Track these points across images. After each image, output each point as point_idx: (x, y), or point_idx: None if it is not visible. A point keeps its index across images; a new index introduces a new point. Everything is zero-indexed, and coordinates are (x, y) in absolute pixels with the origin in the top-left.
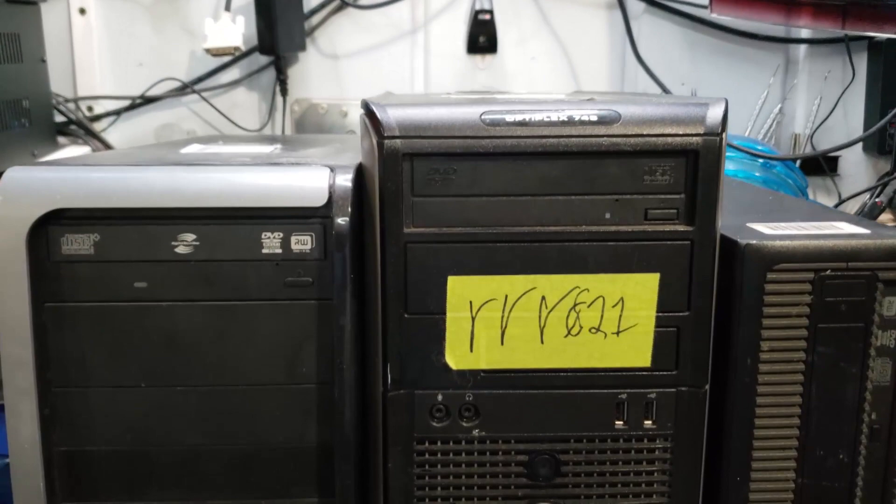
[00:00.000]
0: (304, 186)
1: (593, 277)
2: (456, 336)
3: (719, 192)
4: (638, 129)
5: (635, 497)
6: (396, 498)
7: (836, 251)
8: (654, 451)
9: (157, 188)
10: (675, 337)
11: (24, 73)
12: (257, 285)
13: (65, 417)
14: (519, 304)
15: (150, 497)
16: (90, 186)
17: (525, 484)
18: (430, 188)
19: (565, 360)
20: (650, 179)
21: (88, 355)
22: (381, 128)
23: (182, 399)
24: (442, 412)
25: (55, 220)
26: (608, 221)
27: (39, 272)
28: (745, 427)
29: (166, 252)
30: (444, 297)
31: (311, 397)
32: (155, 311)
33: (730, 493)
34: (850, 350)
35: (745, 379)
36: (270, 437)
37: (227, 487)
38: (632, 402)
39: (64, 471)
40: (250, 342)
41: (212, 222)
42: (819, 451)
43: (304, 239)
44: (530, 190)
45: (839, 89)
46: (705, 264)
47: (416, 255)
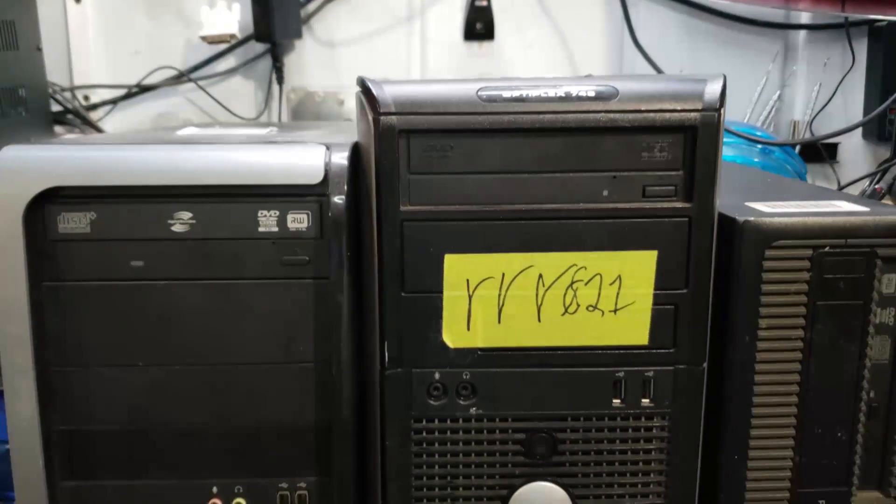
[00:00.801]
0: (300, 164)
1: (591, 255)
2: (453, 314)
3: (717, 168)
4: (636, 105)
5: (632, 475)
6: (394, 476)
7: (835, 228)
8: (652, 429)
9: (153, 166)
10: (673, 315)
11: (20, 62)
12: (254, 264)
13: (63, 397)
14: (516, 283)
15: (148, 476)
16: (86, 164)
17: (522, 462)
18: (426, 165)
19: (562, 339)
20: (648, 156)
21: (86, 334)
22: (376, 104)
23: (180, 378)
24: (439, 390)
25: (52, 198)
26: (606, 199)
27: (36, 251)
28: (743, 405)
29: (163, 230)
30: (440, 275)
31: (308, 376)
32: (152, 289)
33: (728, 471)
34: (848, 328)
35: (743, 357)
36: (268, 415)
37: (225, 466)
38: (629, 380)
39: (63, 450)
40: (247, 321)
41: (208, 200)
42: (817, 429)
43: (301, 217)
44: (527, 167)
45: (839, 76)
46: (703, 241)
47: (412, 234)
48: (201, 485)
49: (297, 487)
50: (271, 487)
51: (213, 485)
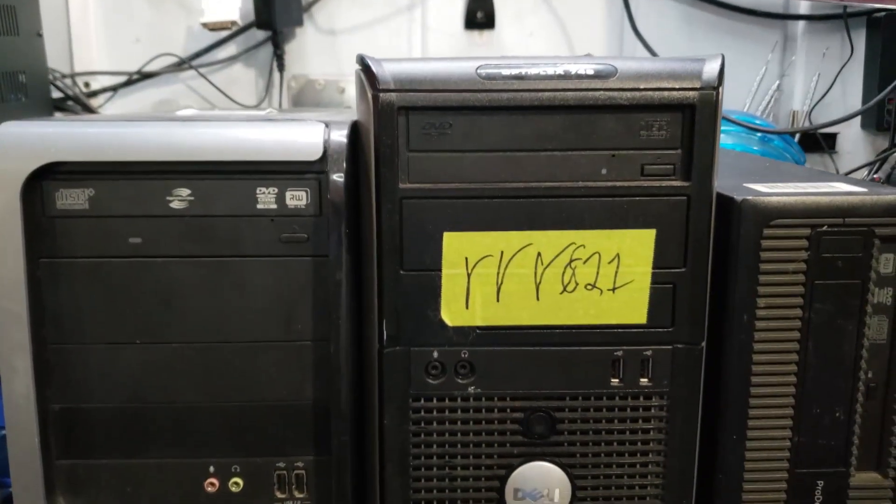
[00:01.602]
0: (299, 141)
1: (589, 234)
2: (451, 293)
3: (716, 147)
4: (634, 83)
5: (631, 455)
6: (392, 455)
7: (833, 207)
8: (650, 408)
9: (152, 142)
10: (672, 293)
11: (21, 47)
12: (252, 241)
13: (60, 375)
14: (515, 261)
15: (145, 455)
16: (85, 140)
17: (520, 442)
18: (425, 143)
19: (561, 317)
20: (647, 135)
21: (83, 312)
22: (376, 81)
23: (177, 356)
24: (438, 369)
25: (50, 174)
26: (604, 177)
27: (34, 227)
28: (741, 384)
29: (161, 207)
30: (439, 253)
31: (306, 354)
32: (150, 266)
33: (726, 450)
34: (846, 307)
35: (742, 336)
36: (266, 394)
37: (223, 445)
38: (627, 359)
39: (59, 428)
40: (246, 299)
41: (206, 177)
42: (815, 409)
43: (300, 194)
44: (526, 145)
45: (837, 66)
46: (702, 220)
47: (411, 211)
48: (198, 464)
49: (295, 467)
50: (268, 467)
51: (211, 464)
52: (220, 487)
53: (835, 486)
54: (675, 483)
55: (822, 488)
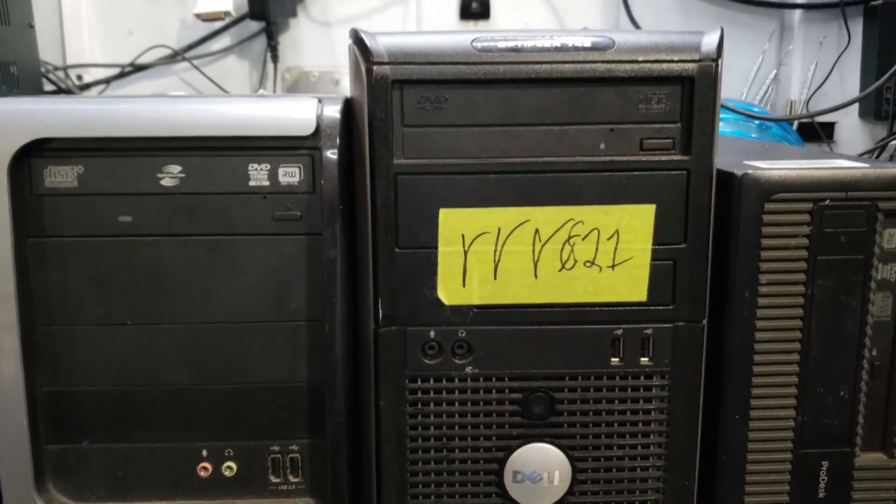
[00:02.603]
0: (292, 115)
1: (588, 209)
2: (448, 271)
3: (716, 120)
4: (632, 55)
5: (632, 436)
6: (388, 437)
7: (835, 181)
8: (651, 388)
9: (142, 117)
10: (672, 270)
11: (12, 38)
12: (245, 219)
13: (48, 357)
14: (512, 238)
15: (136, 438)
16: (74, 116)
17: (519, 423)
18: (420, 118)
19: (559, 295)
20: (645, 108)
21: (72, 292)
22: (369, 54)
23: (168, 337)
24: (434, 349)
25: (38, 151)
26: (603, 151)
27: (22, 205)
28: (743, 363)
29: (151, 184)
30: (435, 230)
31: (300, 335)
32: (140, 246)
33: (728, 431)
34: (850, 283)
35: (744, 313)
36: (259, 375)
37: (215, 428)
38: (627, 337)
39: (48, 412)
40: (238, 278)
41: (197, 154)
42: (819, 388)
43: (292, 171)
44: (523, 119)
45: (835, 55)
46: (702, 195)
47: (406, 188)
48: (191, 448)
49: (289, 450)
50: (262, 450)
51: (203, 448)
52: (214, 472)
53: (839, 466)
54: (676, 464)
55: (826, 469)
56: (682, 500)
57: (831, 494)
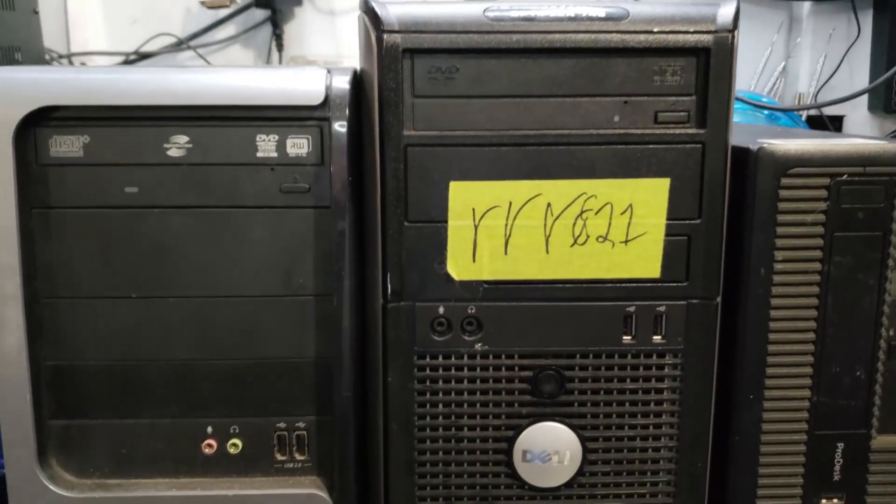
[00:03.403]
0: (300, 85)
1: (601, 183)
2: (458, 245)
3: (731, 93)
4: (647, 25)
5: (644, 416)
6: (396, 415)
7: (853, 155)
8: (664, 367)
9: (149, 86)
10: (686, 246)
11: (16, 23)
12: (252, 191)
13: (52, 330)
14: (523, 212)
15: (140, 415)
16: (79, 84)
17: (529, 401)
18: (431, 88)
19: (571, 271)
20: (660, 80)
21: (77, 264)
22: (380, 22)
23: (174, 311)
24: (443, 325)
25: (43, 120)
26: (617, 124)
27: (26, 175)
28: (758, 341)
29: (158, 155)
30: (445, 203)
31: (308, 309)
32: (146, 217)
33: (742, 411)
34: (867, 260)
35: (759, 290)
36: (266, 351)
37: (222, 404)
38: (640, 315)
39: (51, 386)
40: (245, 251)
41: (205, 124)
42: (835, 368)
43: (301, 142)
44: (536, 91)
45: (844, 47)
46: (717, 169)
47: (416, 160)
48: (196, 424)
49: (296, 427)
50: (268, 427)
51: (208, 424)
52: (219, 448)
53: (855, 448)
54: (689, 445)
55: (842, 451)
56: (694, 482)
57: (847, 477)
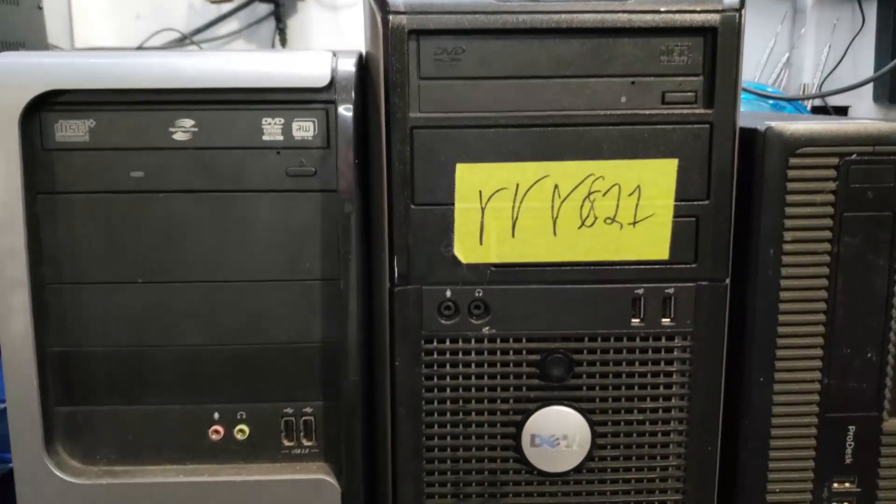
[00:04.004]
0: (306, 68)
1: (608, 164)
2: (465, 228)
3: (739, 73)
4: (654, 5)
5: (653, 399)
6: (404, 399)
7: (862, 135)
8: (673, 350)
9: (154, 69)
10: (695, 227)
11: (21, 18)
12: (258, 175)
13: (58, 316)
14: (531, 194)
15: (147, 401)
16: (85, 68)
17: (537, 385)
18: (437, 70)
19: (579, 253)
20: (667, 60)
21: (83, 249)
22: (385, 5)
23: (180, 296)
24: (451, 309)
25: (49, 104)
26: (624, 105)
27: (32, 160)
28: (767, 323)
29: (164, 139)
30: (452, 186)
31: (315, 294)
32: (152, 202)
33: (752, 394)
34: (877, 241)
35: (768, 271)
36: (273, 336)
37: (228, 390)
38: (649, 297)
39: (57, 373)
40: (251, 235)
41: (211, 107)
42: (845, 350)
43: (307, 125)
44: (543, 72)
45: (848, 38)
46: (725, 149)
47: (422, 142)
48: (202, 410)
49: (303, 413)
50: (276, 412)
51: (215, 410)
52: (225, 434)
53: (866, 432)
54: (699, 428)
55: (853, 434)
56: (704, 466)
57: (858, 460)
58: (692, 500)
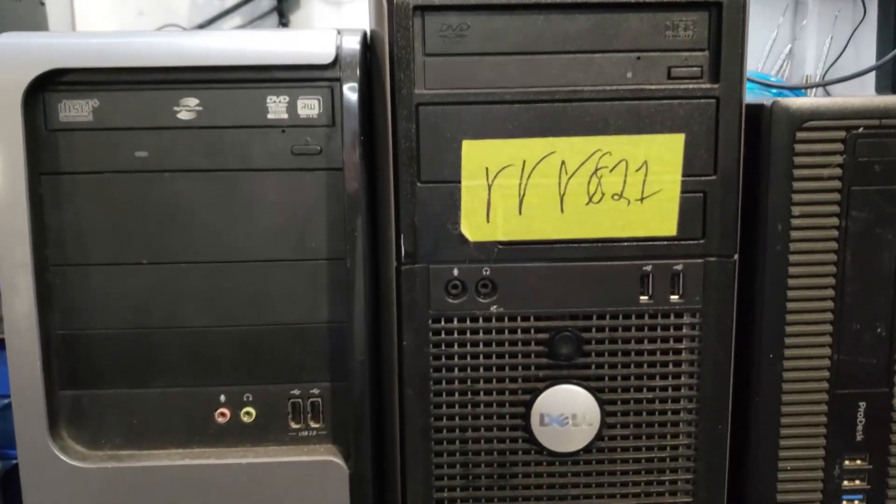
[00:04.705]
0: (311, 45)
1: (615, 139)
2: (471, 205)
3: (745, 47)
4: None
5: (662, 377)
6: (411, 379)
7: (869, 108)
8: (682, 327)
9: (159, 47)
10: (702, 203)
11: (23, 14)
12: (263, 154)
13: (62, 298)
14: (537, 171)
15: (152, 384)
16: (88, 47)
17: (546, 364)
18: (442, 46)
19: (586, 230)
20: (672, 35)
21: (87, 230)
22: None
23: (185, 276)
24: (458, 288)
25: (52, 84)
26: (630, 80)
27: (36, 140)
28: (776, 299)
29: (168, 118)
30: (458, 163)
31: (321, 274)
32: (156, 181)
33: (762, 371)
34: (885, 214)
35: (776, 246)
36: (279, 316)
37: (234, 372)
38: (657, 274)
39: (62, 356)
40: (256, 215)
41: (215, 86)
42: (855, 325)
43: (312, 103)
44: (548, 48)
45: (850, 29)
46: (731, 124)
47: (428, 119)
48: (208, 393)
49: (310, 395)
50: (283, 395)
51: (221, 392)
52: (232, 417)
53: (877, 408)
54: (708, 406)
55: (864, 410)
56: (714, 444)
57: (870, 438)
58: (703, 479)
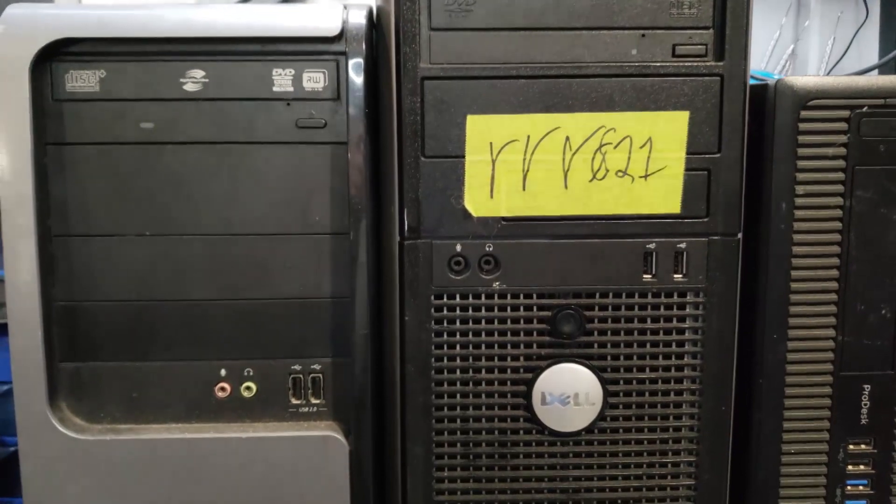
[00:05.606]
0: (316, 18)
1: (620, 116)
2: (475, 180)
3: (749, 25)
4: None
5: (665, 357)
6: (413, 356)
7: (873, 87)
8: (685, 306)
9: (166, 18)
10: (706, 180)
11: None
12: (268, 126)
13: (64, 269)
14: (542, 146)
15: (154, 356)
16: (96, 17)
17: (548, 342)
18: (448, 21)
19: (590, 207)
20: (677, 13)
21: (90, 201)
22: None
23: (189, 249)
24: (461, 264)
25: (59, 54)
26: (635, 58)
27: (42, 110)
28: (780, 279)
29: (174, 89)
30: (462, 138)
31: (324, 248)
32: (161, 153)
33: (766, 352)
34: (889, 194)
35: (780, 225)
36: (282, 290)
37: (236, 346)
38: (660, 252)
39: (63, 327)
40: (261, 188)
41: (221, 58)
42: (860, 307)
43: (317, 76)
44: (553, 23)
45: (852, 31)
46: (736, 101)
47: (433, 93)
48: (209, 366)
49: (311, 370)
50: (283, 369)
51: (222, 367)
52: (232, 392)
53: (882, 390)
54: (712, 386)
55: (868, 393)
56: (718, 425)
57: (874, 420)
58: (706, 460)
